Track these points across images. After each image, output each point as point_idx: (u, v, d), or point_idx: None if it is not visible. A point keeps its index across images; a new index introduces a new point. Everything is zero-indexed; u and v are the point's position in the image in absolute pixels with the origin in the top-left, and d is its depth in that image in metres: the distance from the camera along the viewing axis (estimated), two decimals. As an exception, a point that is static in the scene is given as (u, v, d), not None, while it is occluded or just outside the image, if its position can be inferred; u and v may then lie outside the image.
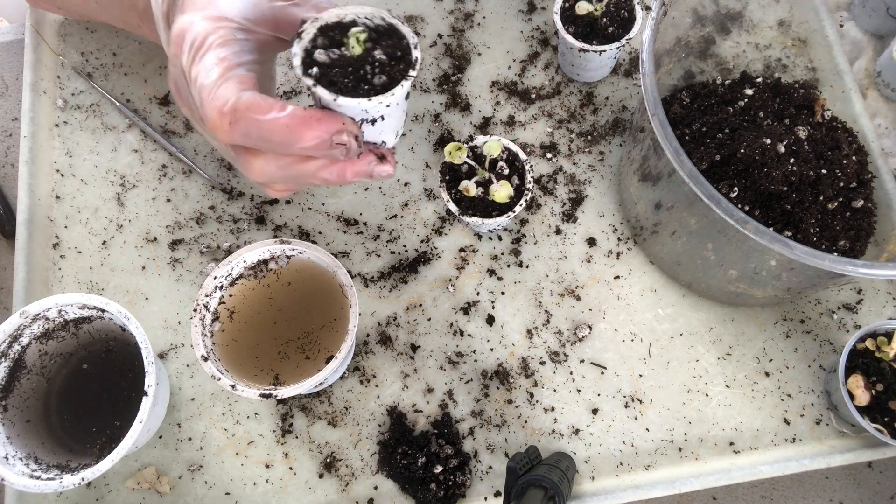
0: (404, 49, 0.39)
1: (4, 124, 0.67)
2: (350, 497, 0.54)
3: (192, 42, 0.38)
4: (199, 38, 0.38)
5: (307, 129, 0.35)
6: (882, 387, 0.53)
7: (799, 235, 0.55)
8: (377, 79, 0.38)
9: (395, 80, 0.38)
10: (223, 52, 0.37)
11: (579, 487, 0.55)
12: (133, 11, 0.53)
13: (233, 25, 0.39)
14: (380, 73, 0.38)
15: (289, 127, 0.35)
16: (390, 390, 0.57)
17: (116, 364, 0.53)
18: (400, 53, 0.39)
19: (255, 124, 0.35)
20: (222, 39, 0.38)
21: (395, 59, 0.39)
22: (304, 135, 0.35)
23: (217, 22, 0.39)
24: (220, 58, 0.37)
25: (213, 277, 0.50)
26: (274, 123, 0.35)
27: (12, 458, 0.47)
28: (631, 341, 0.59)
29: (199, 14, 0.39)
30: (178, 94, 0.42)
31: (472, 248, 0.61)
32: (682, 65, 0.64)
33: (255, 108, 0.35)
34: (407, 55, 0.39)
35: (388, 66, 0.38)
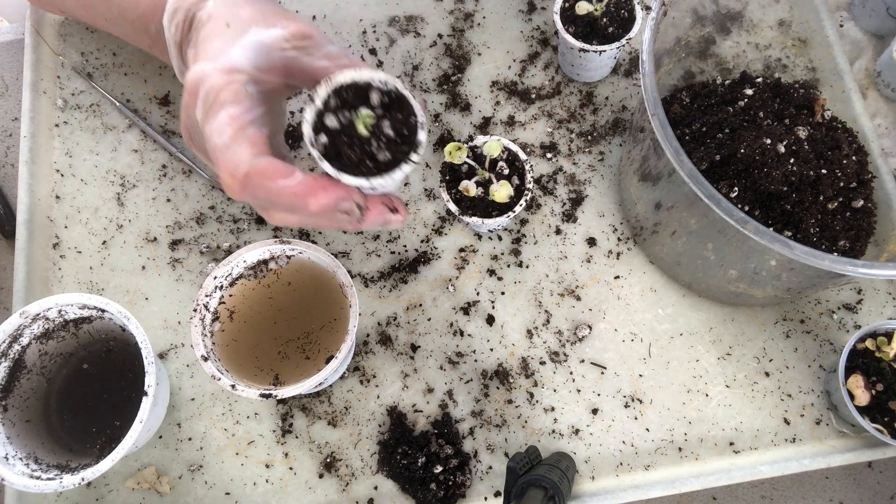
0: (411, 128, 0.40)
1: (4, 124, 0.67)
2: (350, 497, 0.54)
3: (205, 97, 0.39)
4: (213, 92, 0.39)
5: (313, 197, 0.37)
6: (882, 387, 0.53)
7: (799, 235, 0.55)
8: (381, 155, 0.39)
9: (397, 160, 0.39)
10: (234, 110, 0.39)
11: (579, 487, 0.55)
12: (144, 34, 0.53)
13: (244, 78, 0.40)
14: (385, 150, 0.39)
15: (296, 195, 0.37)
16: (390, 390, 0.57)
17: (116, 364, 0.53)
18: (406, 132, 0.40)
19: (263, 190, 0.37)
20: (234, 95, 0.39)
21: (401, 138, 0.40)
22: (311, 203, 0.37)
23: (229, 75, 0.39)
24: (232, 117, 0.38)
25: (213, 277, 0.50)
26: (282, 191, 0.37)
27: (12, 458, 0.47)
28: (631, 341, 0.59)
29: (212, 65, 0.40)
30: (191, 141, 0.43)
31: (472, 248, 0.61)
32: (682, 65, 0.64)
33: (266, 175, 0.37)
34: (413, 135, 0.39)
35: (393, 145, 0.39)
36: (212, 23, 0.43)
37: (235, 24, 0.42)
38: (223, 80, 0.39)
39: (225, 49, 0.40)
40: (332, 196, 0.37)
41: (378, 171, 0.39)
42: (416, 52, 0.67)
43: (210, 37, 0.42)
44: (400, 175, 0.39)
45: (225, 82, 0.39)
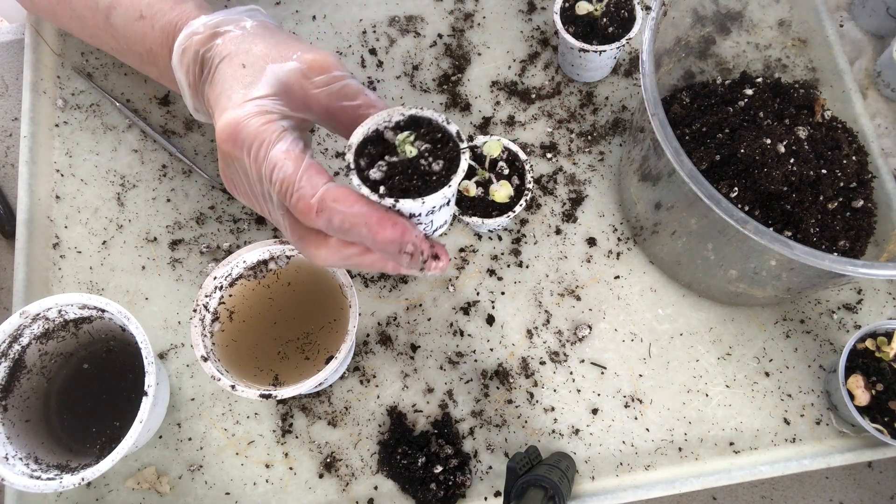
0: (439, 129, 0.41)
1: (4, 124, 0.67)
2: (350, 497, 0.54)
3: (248, 145, 0.40)
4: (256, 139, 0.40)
5: (383, 228, 0.38)
6: (882, 387, 0.53)
7: (799, 235, 0.55)
8: (435, 165, 0.39)
9: (452, 160, 0.40)
10: (284, 146, 0.40)
11: (579, 487, 0.55)
12: (153, 67, 0.53)
13: (277, 116, 0.41)
14: (435, 160, 0.39)
15: (368, 224, 0.38)
16: (390, 390, 0.57)
17: (117, 364, 0.53)
18: (440, 135, 0.41)
19: (339, 215, 0.38)
20: (276, 133, 0.40)
21: (438, 142, 0.41)
22: (380, 234, 0.38)
23: (264, 117, 0.41)
24: (286, 151, 0.40)
25: (213, 277, 0.50)
26: (358, 216, 0.38)
27: (12, 457, 0.47)
28: (631, 341, 0.59)
29: (243, 112, 0.41)
30: (236, 189, 0.44)
31: (472, 248, 0.61)
32: (682, 65, 0.64)
33: (342, 200, 0.38)
34: (445, 133, 0.41)
35: (438, 151, 0.40)
36: (225, 64, 0.43)
37: (251, 62, 0.43)
38: (259, 121, 0.40)
39: (248, 93, 0.41)
40: (399, 231, 0.39)
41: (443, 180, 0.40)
42: (416, 52, 0.67)
43: (228, 81, 0.42)
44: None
45: (262, 123, 0.40)
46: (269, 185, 0.40)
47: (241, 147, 0.40)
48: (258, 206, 0.44)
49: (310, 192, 0.39)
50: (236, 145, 0.40)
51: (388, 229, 0.38)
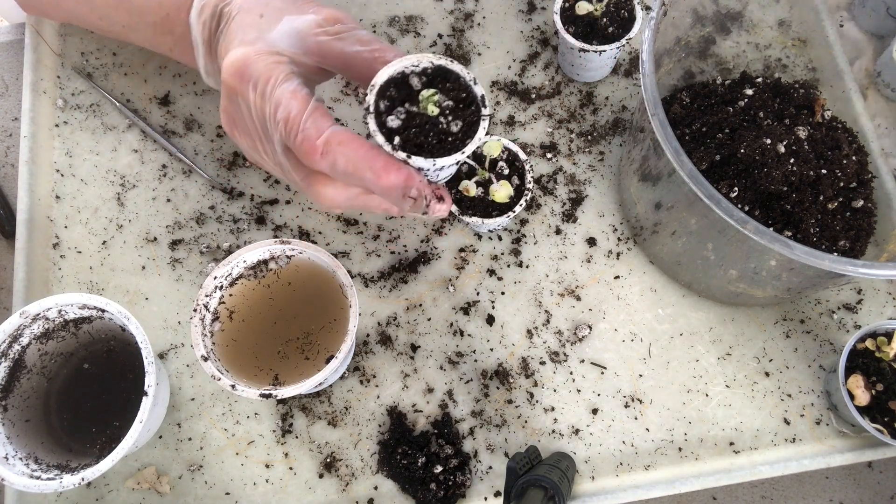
0: (465, 87, 0.40)
1: (4, 124, 0.67)
2: (350, 497, 0.54)
3: (254, 80, 0.40)
4: (263, 75, 0.40)
5: (388, 173, 0.38)
6: (882, 387, 0.53)
7: (799, 235, 0.55)
8: (454, 126, 0.39)
9: (472, 124, 0.40)
10: (292, 86, 0.40)
11: (579, 487, 0.55)
12: (168, 36, 0.53)
13: (287, 59, 0.41)
14: (454, 120, 0.39)
15: (373, 168, 0.38)
16: (390, 390, 0.57)
17: (117, 364, 0.53)
18: (465, 94, 0.40)
19: (344, 158, 0.38)
20: (286, 74, 0.40)
21: (462, 101, 0.40)
22: (384, 178, 0.38)
23: (275, 56, 0.41)
24: (292, 91, 0.39)
25: (213, 277, 0.50)
26: (363, 159, 0.38)
27: (12, 458, 0.47)
28: (631, 341, 0.59)
29: (253, 49, 0.41)
30: (234, 127, 0.44)
31: (472, 248, 0.61)
32: (682, 65, 0.64)
33: (348, 143, 0.38)
34: (470, 94, 0.40)
35: (459, 111, 0.40)
36: (242, 14, 0.43)
37: (268, 13, 0.43)
38: (269, 60, 0.40)
39: (262, 36, 0.41)
40: (404, 176, 0.38)
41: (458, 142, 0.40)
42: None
43: (243, 26, 0.43)
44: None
45: (272, 63, 0.40)
46: (272, 124, 0.40)
47: (247, 82, 0.40)
48: (259, 147, 0.43)
49: (315, 133, 0.38)
50: (243, 80, 0.40)
51: (392, 174, 0.38)
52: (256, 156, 0.45)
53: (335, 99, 0.66)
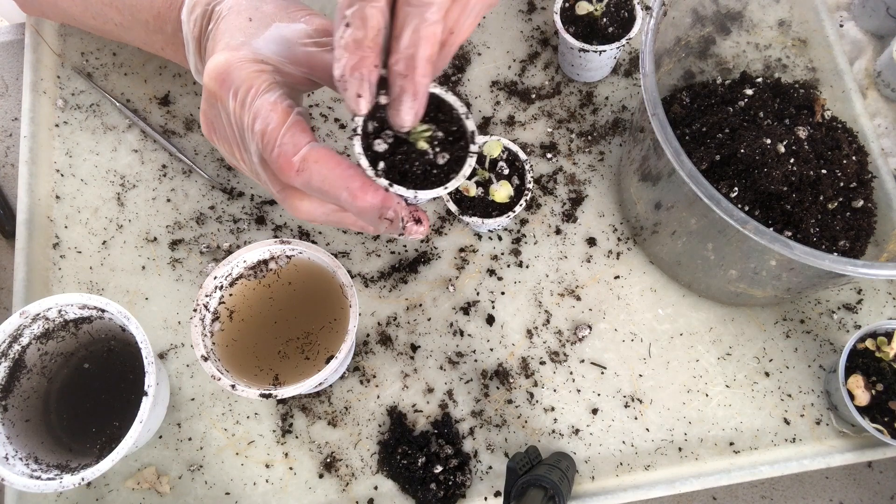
0: (456, 120, 0.40)
1: (4, 124, 0.67)
2: (350, 497, 0.54)
3: (235, 88, 0.39)
4: (245, 83, 0.39)
5: (364, 194, 0.37)
6: (882, 387, 0.53)
7: (799, 235, 0.55)
8: (440, 158, 0.39)
9: (458, 159, 0.39)
10: (272, 97, 0.38)
11: (579, 487, 0.55)
12: (159, 34, 0.53)
13: (270, 68, 0.40)
14: (442, 152, 0.39)
15: (349, 189, 0.37)
16: (390, 390, 0.57)
17: (117, 364, 0.53)
18: (455, 127, 0.40)
19: (319, 177, 0.37)
20: (268, 84, 0.39)
21: (452, 134, 0.40)
22: (360, 199, 0.37)
23: (258, 65, 0.39)
24: (273, 102, 0.38)
25: (213, 277, 0.50)
26: (338, 181, 0.37)
27: (12, 457, 0.47)
28: (631, 341, 0.59)
29: (236, 55, 0.40)
30: (213, 132, 0.43)
31: (472, 248, 0.61)
32: (682, 65, 0.64)
33: (324, 162, 0.37)
34: (461, 128, 0.40)
35: (448, 143, 0.40)
36: (233, 16, 0.43)
37: (258, 17, 0.42)
38: (252, 68, 0.39)
39: (248, 41, 0.41)
40: (381, 198, 0.37)
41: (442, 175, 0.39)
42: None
43: (231, 29, 0.42)
44: (468, 170, 0.39)
45: (255, 71, 0.39)
46: (249, 135, 0.39)
47: (227, 88, 0.39)
48: (236, 154, 0.42)
49: (291, 149, 0.37)
50: (223, 86, 0.39)
51: (369, 196, 0.37)
52: (234, 161, 0.44)
53: (335, 99, 0.66)
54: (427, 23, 0.35)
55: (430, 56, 0.36)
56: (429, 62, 0.36)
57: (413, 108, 0.37)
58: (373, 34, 0.35)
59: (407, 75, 0.36)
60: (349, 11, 0.35)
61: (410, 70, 0.36)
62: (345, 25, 0.35)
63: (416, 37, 0.35)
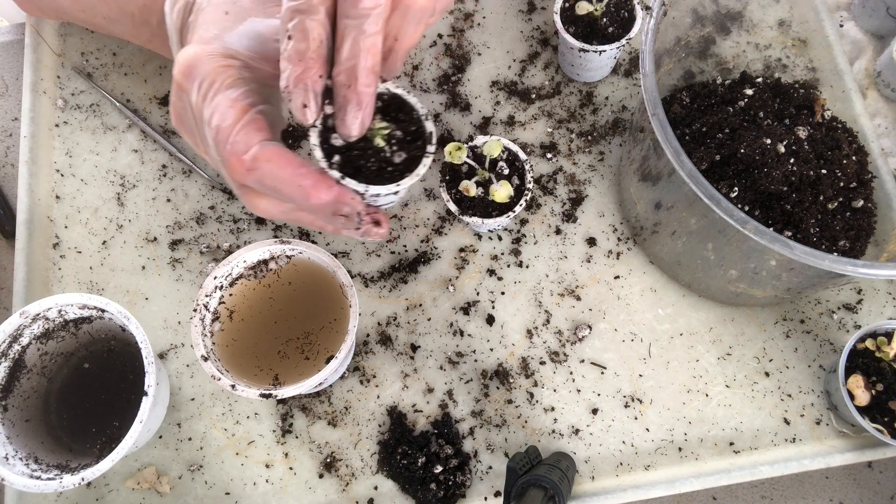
0: (416, 121, 0.40)
1: (4, 124, 0.67)
2: (350, 497, 0.54)
3: (200, 80, 0.39)
4: (209, 77, 0.39)
5: (317, 192, 0.37)
6: (882, 387, 0.53)
7: (799, 235, 0.55)
8: (397, 157, 0.39)
9: (415, 157, 0.39)
10: (234, 94, 0.38)
11: (579, 487, 0.55)
12: (145, 27, 0.53)
13: (239, 64, 0.40)
14: (399, 151, 0.39)
15: (302, 187, 0.37)
16: (390, 390, 0.57)
17: (117, 364, 0.53)
18: (414, 128, 0.40)
19: (270, 176, 0.37)
20: (232, 79, 0.39)
21: (410, 134, 0.40)
22: (314, 197, 0.37)
23: (225, 60, 0.39)
24: (233, 100, 0.38)
25: (213, 277, 0.50)
26: (290, 180, 0.37)
27: (12, 457, 0.47)
28: (631, 341, 0.59)
29: (206, 48, 0.40)
30: (181, 124, 0.43)
31: (472, 248, 0.61)
32: (682, 65, 0.64)
33: (276, 160, 0.37)
34: (420, 129, 0.40)
35: (405, 143, 0.40)
36: (211, 9, 0.43)
37: (234, 11, 0.42)
38: (219, 63, 0.39)
39: (220, 35, 0.41)
40: (335, 194, 0.37)
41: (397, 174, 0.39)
42: (416, 52, 0.67)
43: (206, 22, 0.42)
44: (423, 170, 0.39)
45: (220, 66, 0.39)
46: (207, 129, 0.39)
47: (192, 81, 0.39)
48: (200, 147, 0.42)
49: (243, 147, 0.37)
50: (189, 78, 0.39)
51: (322, 193, 0.37)
52: (202, 154, 0.44)
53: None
54: (366, 34, 0.36)
55: (372, 66, 0.37)
56: (371, 72, 0.37)
57: (358, 117, 0.37)
58: (315, 46, 0.36)
59: (350, 86, 0.36)
60: (290, 25, 0.36)
61: (353, 81, 0.36)
62: (287, 38, 0.36)
63: (356, 48, 0.36)
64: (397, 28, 0.38)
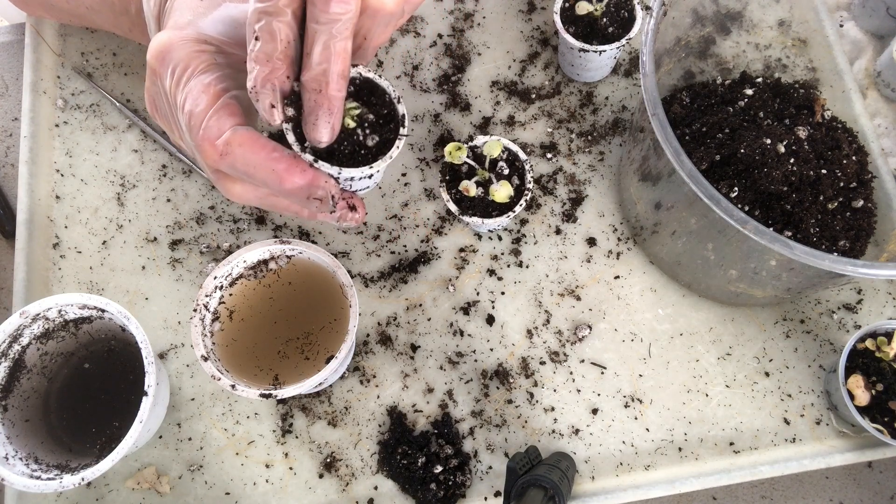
0: (388, 104, 0.40)
1: (4, 124, 0.67)
2: (350, 497, 0.54)
3: (173, 66, 0.39)
4: (182, 62, 0.39)
5: (291, 176, 0.37)
6: (882, 387, 0.53)
7: (799, 235, 0.55)
8: (370, 140, 0.39)
9: (388, 140, 0.40)
10: (207, 79, 0.38)
11: (579, 487, 0.55)
12: (125, 16, 0.53)
13: (212, 49, 0.40)
14: (372, 134, 0.39)
15: (275, 171, 0.37)
16: (390, 390, 0.57)
17: (117, 364, 0.53)
18: (387, 111, 0.40)
19: (243, 160, 0.37)
20: (205, 65, 0.39)
21: (383, 118, 0.40)
22: (287, 181, 0.37)
23: (199, 45, 0.39)
24: (206, 84, 0.38)
25: (213, 277, 0.50)
26: (263, 164, 0.37)
27: (12, 457, 0.47)
28: (631, 341, 0.59)
29: (179, 34, 0.40)
30: (156, 110, 0.43)
31: (472, 248, 0.61)
32: (682, 65, 0.64)
33: (248, 145, 0.37)
34: (393, 111, 0.40)
35: (378, 126, 0.40)
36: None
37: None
38: (192, 48, 0.39)
39: (195, 21, 0.41)
40: (309, 178, 0.37)
41: (370, 157, 0.39)
42: (415, 52, 0.67)
43: (181, 8, 0.42)
44: (396, 152, 0.39)
45: (194, 51, 0.39)
46: (180, 115, 0.39)
47: (166, 66, 0.39)
48: (175, 133, 0.42)
49: (215, 133, 0.37)
50: (163, 64, 0.39)
51: (296, 177, 0.37)
52: (177, 140, 0.44)
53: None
54: (336, 39, 0.35)
55: (342, 71, 0.36)
56: (341, 77, 0.36)
57: (329, 122, 0.37)
58: (282, 47, 0.36)
59: (321, 91, 0.36)
60: (257, 26, 0.36)
61: (324, 86, 0.36)
62: (255, 39, 0.36)
63: (326, 53, 0.36)
64: (367, 29, 0.38)
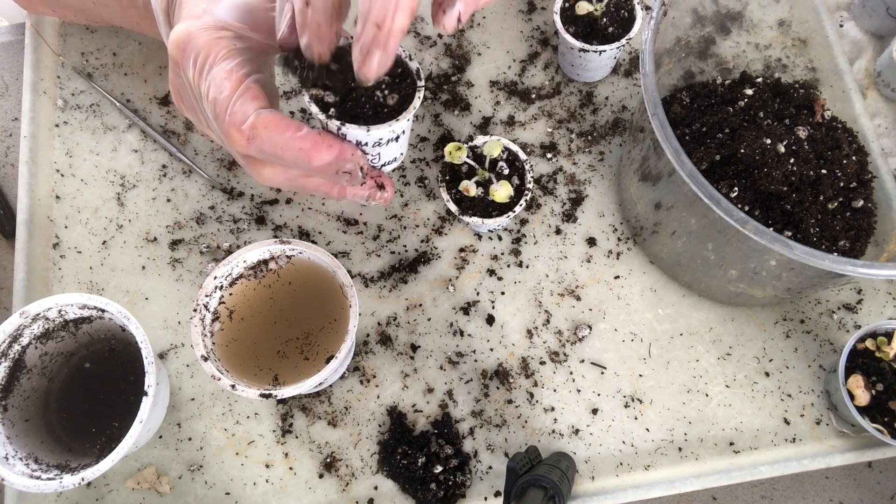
0: (400, 63, 0.41)
1: (4, 124, 0.67)
2: (350, 497, 0.54)
3: (195, 55, 0.39)
4: (203, 51, 0.39)
5: (318, 152, 0.37)
6: (882, 387, 0.53)
7: (799, 235, 0.55)
8: (390, 99, 0.40)
9: (407, 96, 0.40)
10: (229, 65, 0.39)
11: (579, 487, 0.55)
12: (133, 9, 0.53)
13: (231, 34, 0.40)
14: (391, 93, 0.39)
15: (302, 150, 0.37)
16: (390, 390, 0.57)
17: (117, 364, 0.53)
18: (400, 70, 0.41)
19: (270, 142, 0.37)
20: (226, 51, 0.39)
21: (398, 76, 0.41)
22: (315, 158, 0.37)
23: (217, 32, 0.40)
24: (228, 71, 0.38)
25: (213, 277, 0.50)
26: (289, 144, 0.37)
27: (12, 457, 0.47)
28: (631, 341, 0.59)
29: (197, 23, 0.40)
30: (182, 101, 0.43)
31: (472, 248, 0.61)
32: (682, 65, 0.64)
33: (274, 127, 0.37)
34: (406, 68, 0.41)
35: (395, 85, 0.40)
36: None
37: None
38: (211, 36, 0.39)
39: (210, 8, 0.41)
40: (335, 152, 0.38)
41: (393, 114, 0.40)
42: (416, 52, 0.67)
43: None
44: (418, 102, 0.40)
45: (213, 38, 0.39)
46: (205, 103, 0.39)
47: (187, 57, 0.39)
48: (201, 122, 0.43)
49: (241, 118, 0.38)
50: (185, 54, 0.39)
51: (323, 152, 0.37)
52: (205, 130, 0.44)
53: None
54: None
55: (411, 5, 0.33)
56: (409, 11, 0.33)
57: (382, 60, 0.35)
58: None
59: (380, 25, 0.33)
60: None
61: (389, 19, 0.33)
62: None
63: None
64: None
